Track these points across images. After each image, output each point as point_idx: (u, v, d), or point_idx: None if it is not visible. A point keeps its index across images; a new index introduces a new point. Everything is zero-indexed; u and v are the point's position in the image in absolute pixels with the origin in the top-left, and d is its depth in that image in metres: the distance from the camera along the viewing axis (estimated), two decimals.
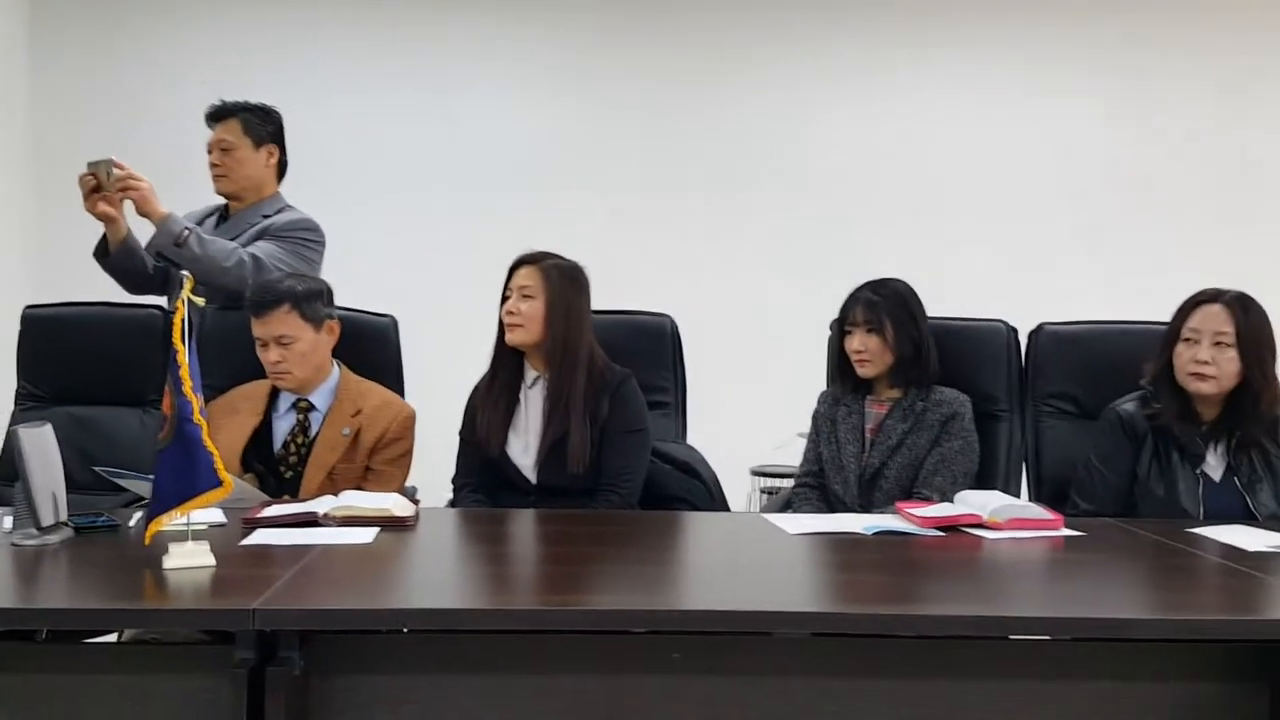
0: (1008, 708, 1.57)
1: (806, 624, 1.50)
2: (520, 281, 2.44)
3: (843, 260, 4.42)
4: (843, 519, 2.15)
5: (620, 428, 2.41)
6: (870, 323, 2.57)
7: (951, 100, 4.89)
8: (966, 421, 2.55)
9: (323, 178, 3.71)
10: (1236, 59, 4.86)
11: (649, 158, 4.88)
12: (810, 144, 4.90)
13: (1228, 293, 2.38)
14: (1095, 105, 4.89)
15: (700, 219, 4.89)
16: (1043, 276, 4.67)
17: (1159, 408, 2.41)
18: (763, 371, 4.46)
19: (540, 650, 1.58)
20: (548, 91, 4.93)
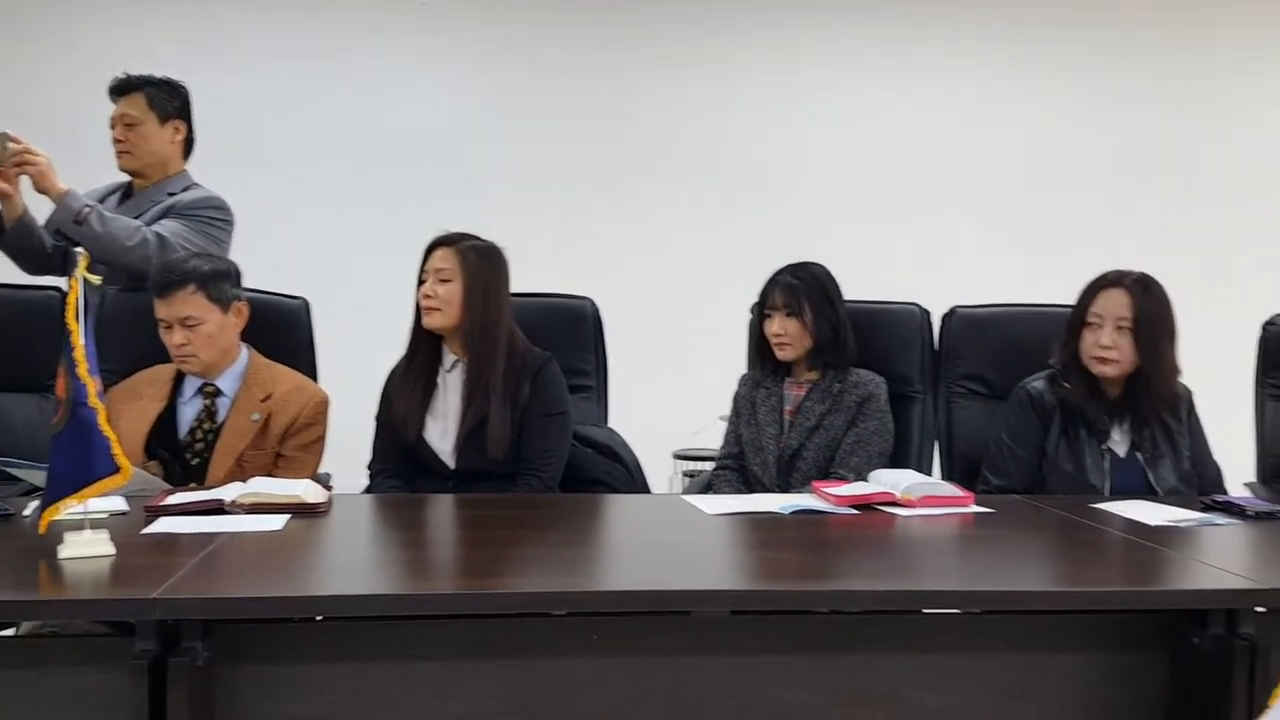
0: (921, 680, 1.60)
1: (724, 602, 1.51)
2: (437, 264, 2.39)
3: (764, 244, 4.44)
4: (761, 499, 2.16)
5: (541, 411, 2.38)
6: (789, 306, 2.60)
7: (872, 91, 4.92)
8: (882, 403, 2.59)
9: (232, 155, 3.58)
10: (1158, 54, 4.97)
11: (571, 140, 4.82)
12: (733, 131, 4.88)
13: (1129, 275, 2.45)
14: (1015, 97, 4.95)
15: (623, 202, 4.85)
16: (957, 262, 4.74)
17: (1067, 388, 2.48)
18: (685, 355, 4.46)
19: (458, 635, 1.56)
20: (469, 70, 4.83)
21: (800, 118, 4.91)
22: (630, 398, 3.72)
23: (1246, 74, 5.00)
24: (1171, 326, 2.44)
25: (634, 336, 4.51)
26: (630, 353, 4.43)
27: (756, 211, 4.83)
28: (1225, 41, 4.98)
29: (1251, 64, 5.00)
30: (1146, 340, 2.38)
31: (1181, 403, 2.50)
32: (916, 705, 1.60)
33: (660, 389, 4.45)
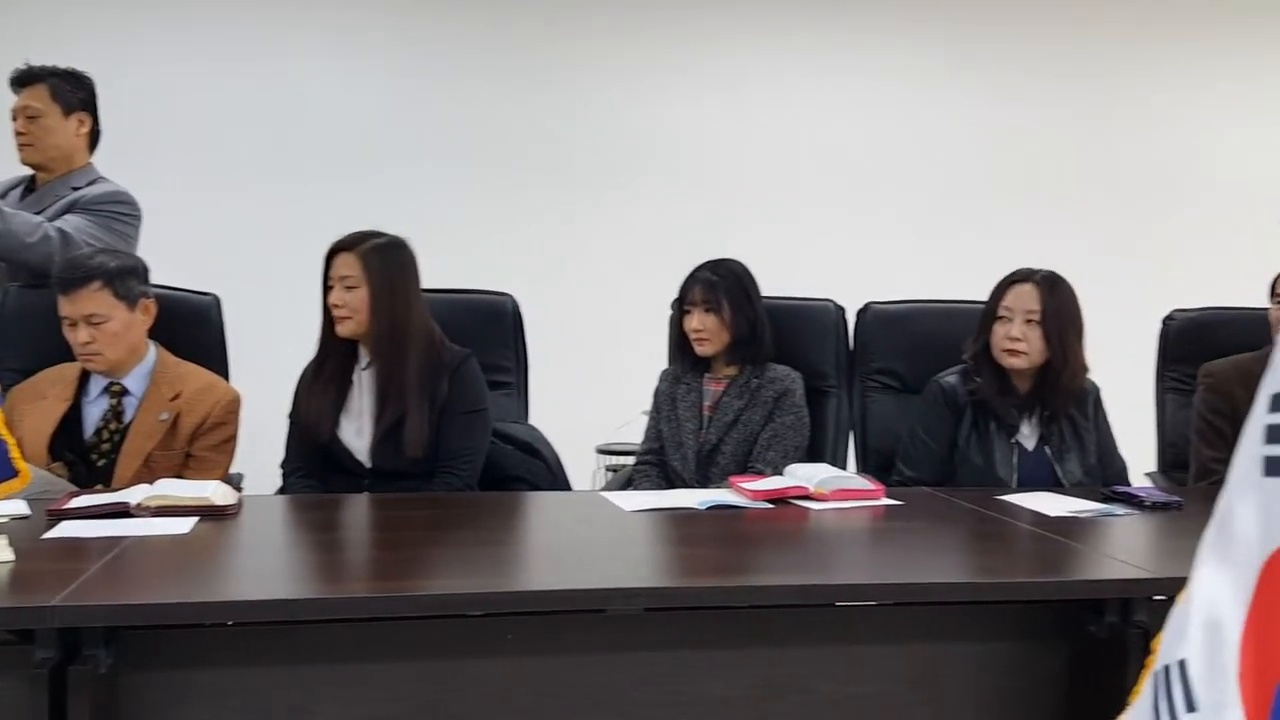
0: (831, 671, 1.64)
1: (638, 600, 1.52)
2: (340, 271, 2.34)
3: (685, 240, 4.47)
4: (678, 495, 2.18)
5: (459, 408, 2.37)
6: (708, 303, 2.62)
7: (790, 88, 4.96)
8: (798, 398, 2.64)
9: (140, 148, 3.49)
10: (1072, 56, 5.10)
11: (490, 136, 4.77)
12: (654, 127, 4.89)
13: (1039, 272, 2.53)
14: (930, 96, 5.04)
15: (544, 198, 4.82)
16: (872, 258, 4.81)
17: (979, 381, 2.55)
18: (607, 350, 4.47)
19: (371, 637, 1.55)
20: (384, 64, 4.73)
21: (719, 115, 4.92)
22: (554, 393, 3.71)
23: (1156, 76, 5.17)
24: (1078, 323, 2.53)
25: (557, 331, 4.51)
26: (554, 348, 4.42)
27: (678, 207, 4.85)
28: (1137, 44, 5.14)
29: (1161, 66, 5.17)
30: (1054, 334, 2.46)
31: (1088, 398, 2.58)
32: (827, 696, 1.63)
33: (584, 383, 4.46)
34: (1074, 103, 5.12)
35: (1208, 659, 0.85)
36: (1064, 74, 5.11)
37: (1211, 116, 5.18)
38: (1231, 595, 0.86)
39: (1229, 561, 0.89)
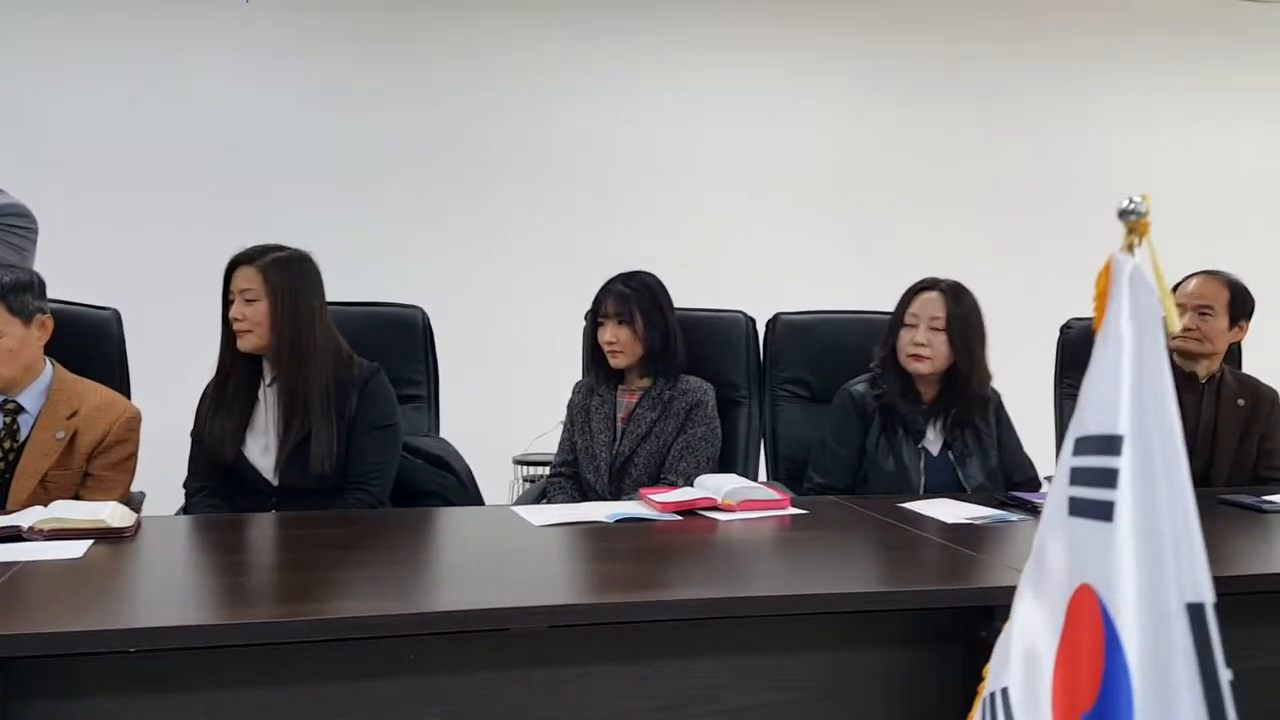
0: (736, 682, 1.66)
1: (541, 618, 1.52)
2: (240, 284, 2.31)
3: (600, 251, 4.48)
4: (588, 508, 2.19)
5: (369, 424, 2.35)
6: (621, 315, 2.65)
7: (702, 99, 5.01)
8: (710, 409, 2.67)
9: (35, 159, 3.39)
10: (978, 66, 5.24)
11: (398, 146, 4.71)
12: (566, 138, 4.88)
13: (943, 281, 2.61)
14: (841, 106, 5.14)
15: (455, 208, 4.77)
16: (784, 268, 4.88)
17: (885, 388, 2.61)
18: (525, 360, 4.47)
19: (272, 661, 1.52)
20: (289, 73, 4.64)
21: (634, 126, 4.95)
22: (470, 405, 3.69)
23: (1055, 88, 5.34)
24: (981, 331, 2.60)
25: (472, 342, 4.51)
26: (469, 359, 4.41)
27: (594, 218, 4.86)
28: (1041, 54, 5.30)
29: (1061, 78, 5.34)
30: (959, 340, 2.53)
31: (991, 404, 2.66)
32: (731, 706, 1.65)
33: (502, 395, 4.45)
34: (978, 113, 5.25)
35: (1026, 687, 0.90)
36: (968, 86, 5.24)
37: (1107, 127, 5.37)
38: (1046, 627, 0.91)
39: (1044, 595, 0.93)
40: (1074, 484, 1.01)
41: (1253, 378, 2.88)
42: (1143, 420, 0.94)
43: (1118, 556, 0.89)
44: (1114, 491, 0.93)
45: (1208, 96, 5.46)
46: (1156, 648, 0.88)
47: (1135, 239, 1.07)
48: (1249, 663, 1.95)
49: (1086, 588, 0.90)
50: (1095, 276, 1.12)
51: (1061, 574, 0.94)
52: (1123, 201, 1.11)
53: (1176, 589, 0.90)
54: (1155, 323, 1.00)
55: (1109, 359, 1.01)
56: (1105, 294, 1.05)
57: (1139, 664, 0.87)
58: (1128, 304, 1.01)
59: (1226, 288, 2.75)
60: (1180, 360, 2.79)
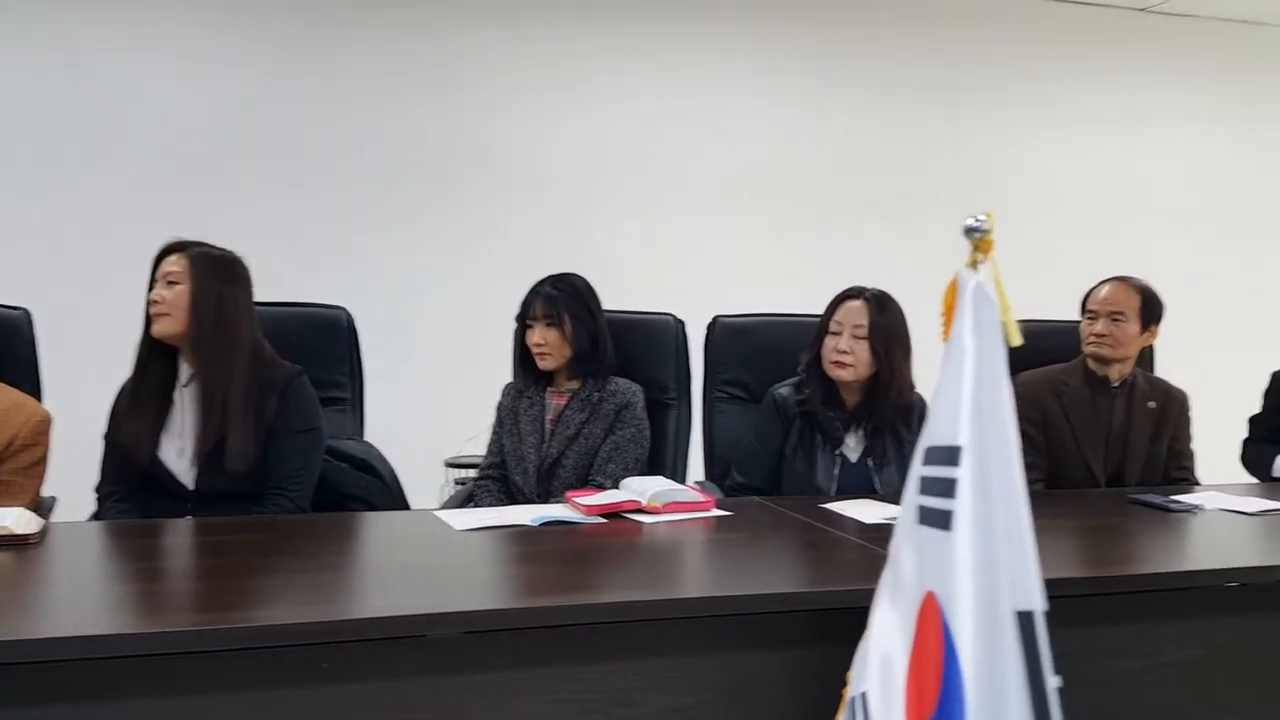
0: (654, 684, 1.67)
1: (458, 624, 1.51)
2: (166, 269, 2.26)
3: (534, 251, 4.46)
4: (511, 511, 2.19)
5: (289, 427, 2.31)
6: (549, 317, 2.64)
7: (632, 100, 4.99)
8: (639, 410, 2.68)
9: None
10: (910, 70, 5.30)
11: (323, 143, 4.59)
12: (498, 137, 4.81)
13: (868, 290, 2.64)
14: (778, 110, 5.15)
15: (382, 209, 4.67)
16: (724, 272, 4.91)
17: (809, 393, 2.64)
18: (457, 362, 4.42)
19: (185, 671, 1.49)
20: (214, 65, 4.49)
21: (564, 125, 4.91)
22: (399, 407, 3.66)
23: (989, 97, 5.43)
24: (906, 341, 2.64)
25: (401, 344, 4.47)
26: (398, 360, 4.37)
27: (525, 218, 4.81)
28: (975, 65, 5.39)
29: (992, 88, 5.44)
30: (881, 349, 2.56)
31: (914, 412, 2.70)
32: (650, 708, 1.66)
33: (432, 397, 4.41)
34: (916, 123, 5.32)
35: (882, 692, 0.92)
36: (906, 95, 5.31)
37: (1033, 135, 5.48)
38: (900, 633, 0.94)
39: (898, 602, 0.96)
40: (923, 493, 1.04)
41: (1163, 381, 2.97)
42: (981, 432, 0.97)
43: (955, 565, 0.91)
44: (953, 501, 0.95)
45: (1125, 105, 5.61)
46: (988, 655, 0.90)
47: (979, 256, 1.10)
48: (1156, 658, 2.02)
49: (931, 595, 0.93)
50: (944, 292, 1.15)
51: (913, 581, 0.97)
52: (967, 220, 1.14)
53: (1009, 597, 0.92)
54: (996, 336, 1.03)
55: (953, 372, 1.04)
56: (952, 308, 1.07)
57: (973, 670, 0.89)
58: (971, 318, 1.04)
59: (1138, 294, 2.83)
60: (1094, 365, 2.87)
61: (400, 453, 2.72)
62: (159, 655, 1.46)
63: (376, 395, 2.87)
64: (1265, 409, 3.11)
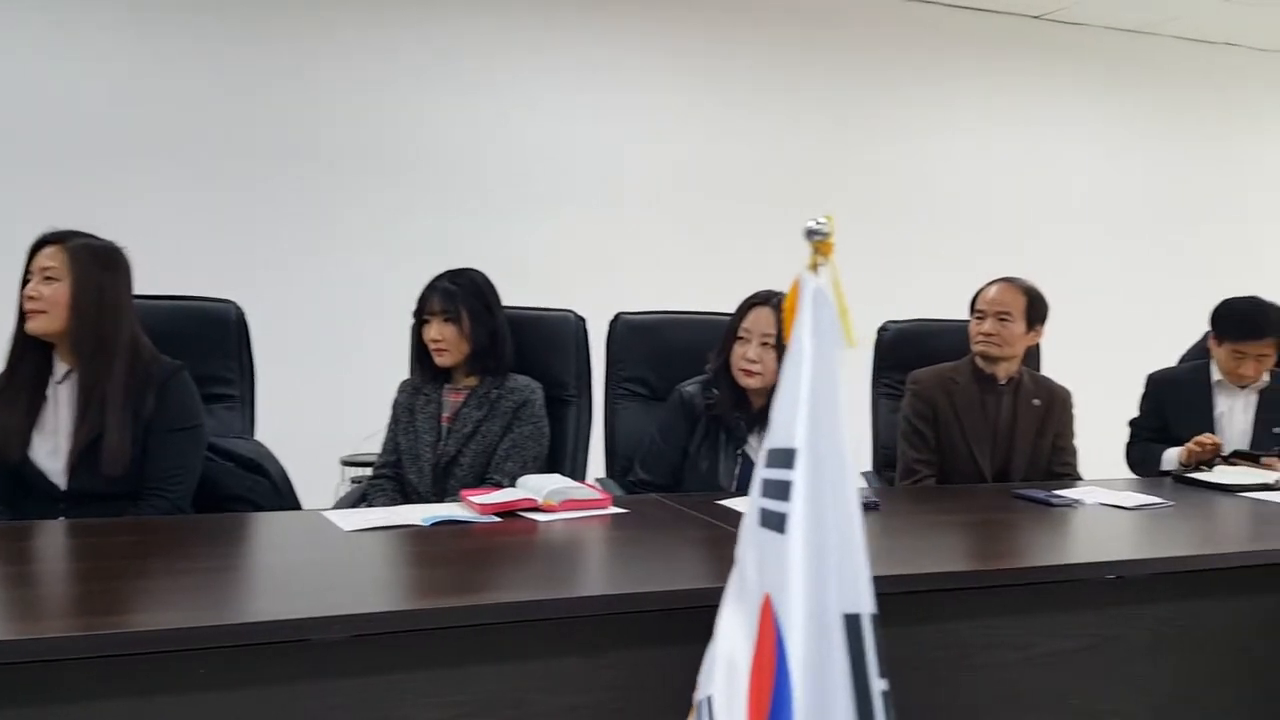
0: (544, 685, 1.66)
1: (340, 628, 1.48)
2: (43, 263, 2.17)
3: (432, 248, 4.39)
4: (403, 511, 2.15)
5: (168, 425, 2.23)
6: (447, 312, 2.61)
7: (539, 93, 4.94)
8: (537, 408, 2.66)
9: None
10: (820, 72, 5.37)
11: (212, 130, 4.43)
12: (399, 128, 4.72)
13: (775, 296, 2.66)
14: (688, 107, 5.16)
15: (276, 200, 4.52)
16: (628, 269, 4.91)
17: (717, 397, 2.66)
18: (354, 358, 4.33)
19: (56, 678, 1.43)
20: (94, 52, 4.29)
21: (460, 117, 4.82)
22: (293, 404, 3.56)
23: (892, 97, 5.54)
24: None
25: (300, 339, 4.36)
26: (292, 356, 4.27)
27: (429, 213, 4.73)
28: (867, 64, 5.49)
29: (895, 88, 5.55)
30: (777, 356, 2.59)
31: None
32: (541, 709, 1.65)
33: (330, 393, 4.32)
34: (820, 121, 5.40)
35: (727, 695, 0.93)
36: (810, 94, 5.38)
37: (934, 139, 5.62)
38: (744, 636, 0.95)
39: (743, 604, 0.97)
40: (764, 495, 1.05)
41: (1048, 379, 3.07)
42: (815, 434, 0.98)
43: (788, 568, 0.93)
44: (787, 504, 0.97)
45: (1020, 110, 5.79)
46: (816, 658, 0.91)
47: (820, 258, 1.12)
48: (1034, 650, 2.08)
49: (769, 597, 0.94)
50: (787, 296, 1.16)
51: (755, 584, 0.98)
52: (808, 222, 1.15)
53: (837, 600, 0.93)
54: (834, 340, 1.05)
55: (791, 374, 1.05)
56: (794, 310, 1.09)
57: (800, 675, 0.90)
58: (810, 321, 1.05)
59: (1024, 294, 2.92)
60: (982, 363, 2.95)
61: (294, 451, 2.65)
62: (31, 663, 1.40)
63: (269, 392, 2.80)
64: (1143, 411, 3.25)
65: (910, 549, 2.16)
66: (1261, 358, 3.02)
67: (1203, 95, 6.15)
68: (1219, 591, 2.22)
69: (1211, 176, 6.19)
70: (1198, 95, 6.14)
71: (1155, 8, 5.56)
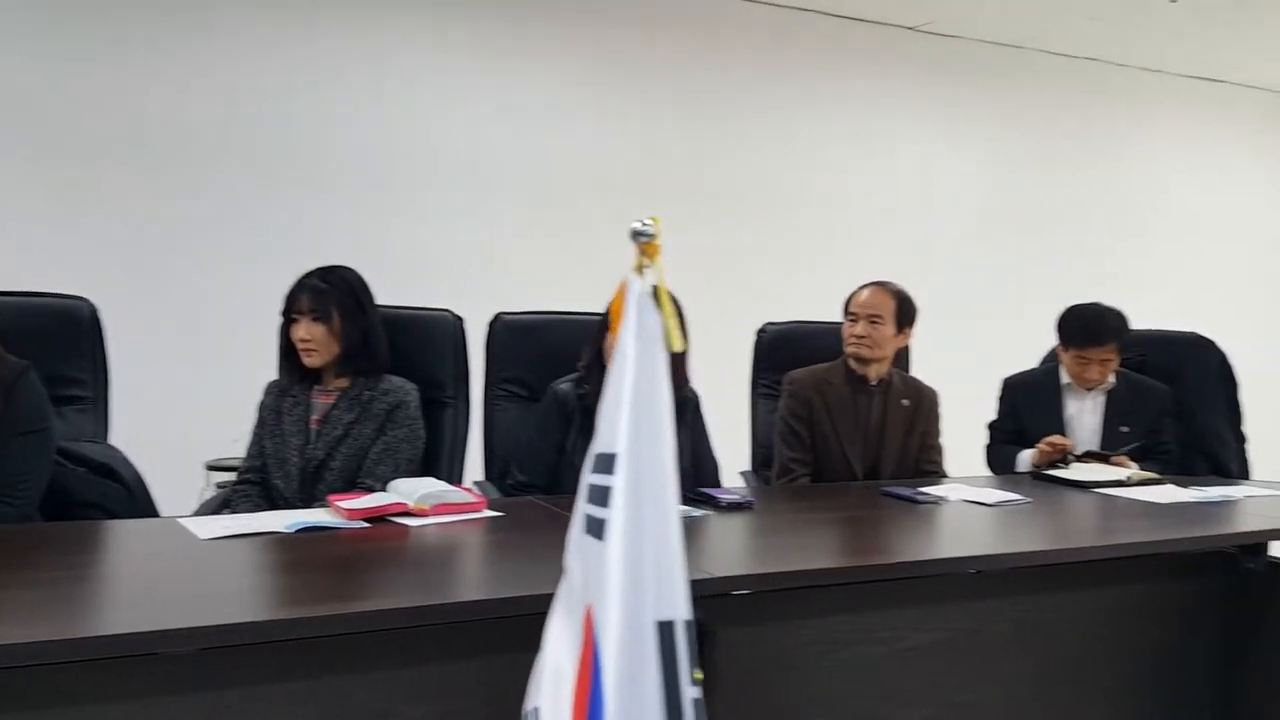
0: (411, 693, 1.63)
1: (190, 640, 1.41)
2: None
3: (302, 244, 4.26)
4: (265, 518, 2.07)
5: (14, 428, 2.10)
6: (316, 311, 2.53)
7: (428, 92, 4.85)
8: (412, 410, 2.60)
9: None
10: (692, 72, 5.39)
11: (67, 123, 4.17)
12: (266, 118, 4.52)
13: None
14: (561, 103, 5.12)
15: (138, 195, 4.29)
16: (504, 268, 4.85)
17: (589, 388, 2.64)
18: (220, 359, 4.15)
19: None
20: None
21: (332, 108, 4.66)
22: (158, 406, 3.42)
23: (764, 99, 5.62)
24: (684, 336, 2.67)
25: (163, 339, 4.18)
26: (159, 357, 4.10)
27: (300, 209, 4.56)
28: (739, 69, 5.55)
29: (764, 89, 5.62)
30: None
31: (688, 405, 2.75)
32: (400, 717, 1.62)
33: (195, 395, 4.15)
34: (692, 122, 5.43)
35: (553, 705, 0.92)
36: (677, 96, 5.38)
37: (804, 146, 5.71)
38: (570, 646, 0.94)
39: (570, 613, 0.96)
40: (589, 502, 1.04)
41: (917, 380, 3.17)
42: (637, 439, 0.98)
43: (606, 575, 0.92)
44: (607, 510, 0.96)
45: (892, 119, 5.95)
46: (628, 668, 0.90)
47: (645, 260, 1.11)
48: (899, 643, 2.14)
49: (590, 607, 0.93)
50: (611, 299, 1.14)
51: (579, 592, 0.97)
52: (633, 223, 1.15)
53: (653, 607, 0.93)
54: (657, 343, 1.04)
55: (616, 377, 1.04)
56: (619, 313, 1.08)
57: (613, 685, 0.89)
58: (635, 324, 1.04)
59: (894, 298, 3.01)
60: (854, 364, 3.02)
61: (155, 456, 2.54)
62: None
63: (128, 394, 2.67)
64: (1000, 414, 3.38)
65: (783, 547, 2.20)
66: (1105, 362, 3.16)
67: (1068, 108, 6.43)
68: (1073, 584, 2.32)
69: (1075, 187, 6.47)
70: (1064, 108, 6.41)
71: (1024, 23, 5.79)
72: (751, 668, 1.98)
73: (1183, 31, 5.80)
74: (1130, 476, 2.84)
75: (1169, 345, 3.49)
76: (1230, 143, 7.00)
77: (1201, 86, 6.84)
